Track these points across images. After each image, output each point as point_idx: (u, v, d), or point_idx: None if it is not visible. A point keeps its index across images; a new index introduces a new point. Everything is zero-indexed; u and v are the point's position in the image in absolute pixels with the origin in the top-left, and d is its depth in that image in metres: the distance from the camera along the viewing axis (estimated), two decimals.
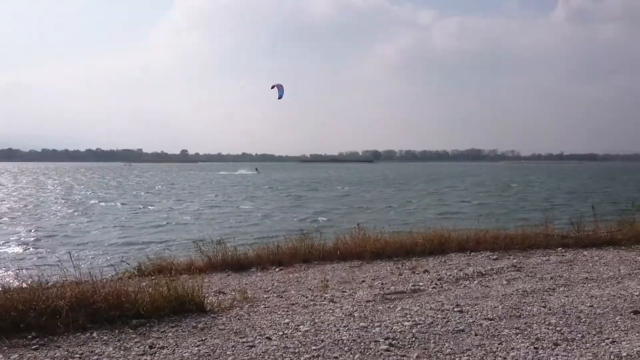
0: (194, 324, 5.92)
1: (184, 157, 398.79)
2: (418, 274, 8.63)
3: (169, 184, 70.32)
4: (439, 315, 6.04)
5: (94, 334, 5.56)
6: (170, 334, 5.60)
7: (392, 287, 7.69)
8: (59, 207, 35.50)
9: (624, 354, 4.77)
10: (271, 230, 21.53)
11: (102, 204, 38.87)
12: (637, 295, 6.88)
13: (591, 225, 12.01)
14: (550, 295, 7.00)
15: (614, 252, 10.24)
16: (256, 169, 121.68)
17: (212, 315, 6.29)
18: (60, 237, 21.63)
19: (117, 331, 5.66)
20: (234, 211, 33.09)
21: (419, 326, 5.65)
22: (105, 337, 5.48)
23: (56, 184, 70.17)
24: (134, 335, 5.56)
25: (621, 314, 6.04)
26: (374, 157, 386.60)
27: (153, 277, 7.99)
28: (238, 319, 6.15)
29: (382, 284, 7.98)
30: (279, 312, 6.39)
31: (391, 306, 6.59)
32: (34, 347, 5.19)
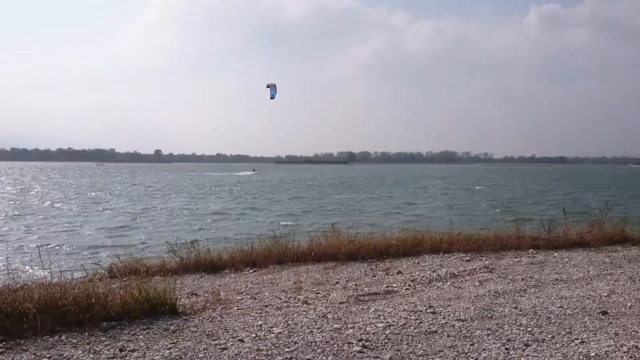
0: (166, 327, 5.83)
1: (157, 158, 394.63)
2: (392, 275, 8.66)
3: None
4: (412, 317, 6.06)
5: (63, 337, 5.43)
6: (141, 337, 5.51)
7: (365, 289, 7.70)
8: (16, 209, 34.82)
9: (593, 354, 4.84)
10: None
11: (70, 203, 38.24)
12: (605, 296, 7.01)
13: (562, 227, 12.20)
14: (521, 296, 7.08)
15: (583, 253, 10.43)
16: (253, 170, 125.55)
17: (184, 317, 6.21)
18: (24, 239, 21.23)
19: (86, 334, 5.54)
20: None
21: (392, 327, 5.66)
22: (74, 340, 5.36)
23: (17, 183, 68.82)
24: (103, 338, 5.45)
25: (590, 315, 6.14)
26: (349, 158, 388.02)
27: (125, 279, 7.87)
28: (211, 321, 6.09)
29: (356, 285, 7.98)
30: (252, 314, 6.34)
31: (365, 307, 6.59)
32: (0, 351, 5.05)
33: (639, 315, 6.14)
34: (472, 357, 4.80)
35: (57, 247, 19.11)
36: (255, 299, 7.26)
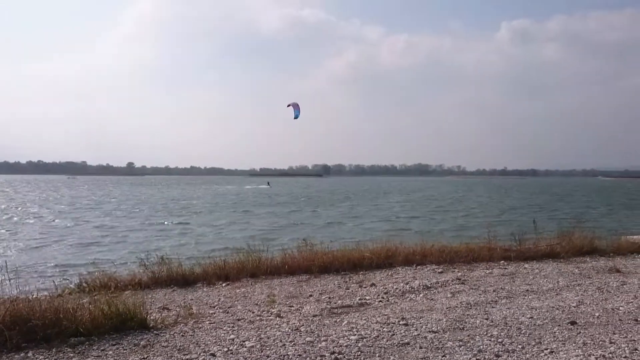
0: (136, 342, 5.74)
1: (130, 170, 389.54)
2: (365, 287, 8.68)
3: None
4: (384, 329, 6.08)
5: (30, 354, 5.31)
6: (110, 352, 5.42)
7: (339, 301, 7.70)
8: None
9: None
10: None
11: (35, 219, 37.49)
12: (574, 307, 7.12)
13: (532, 238, 12.39)
14: (492, 307, 7.15)
15: (553, 264, 10.59)
16: (268, 183, 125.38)
17: (155, 332, 6.12)
18: None
19: (54, 350, 5.43)
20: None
21: (364, 340, 5.66)
22: (41, 357, 5.25)
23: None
24: (72, 354, 5.34)
25: (559, 325, 6.23)
26: (323, 171, 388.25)
27: (95, 294, 7.73)
28: (182, 335, 6.01)
29: (329, 298, 7.98)
30: (224, 328, 6.28)
31: (338, 320, 6.58)
32: None
33: (606, 325, 6.26)
34: None
35: (27, 263, 18.66)
36: (227, 312, 7.20)
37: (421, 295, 8.03)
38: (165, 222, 33.73)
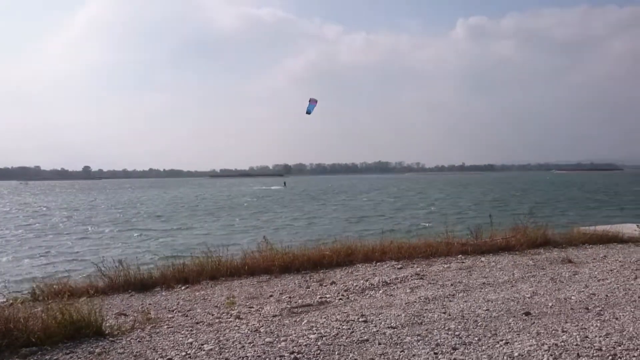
0: (91, 350, 5.60)
1: (86, 174, 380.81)
2: (325, 286, 8.70)
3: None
4: (344, 326, 6.10)
5: None
6: None
7: (299, 301, 7.70)
8: None
9: (516, 354, 5.02)
10: None
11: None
12: (528, 297, 7.30)
13: (489, 232, 12.64)
14: (450, 301, 7.26)
15: (509, 257, 10.83)
16: (284, 183, 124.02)
17: (110, 339, 5.98)
18: None
19: None
20: None
21: (324, 338, 5.67)
22: None
23: None
24: None
25: (514, 316, 6.37)
26: (284, 170, 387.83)
27: (49, 302, 7.51)
28: (139, 341, 5.90)
29: (289, 297, 7.96)
30: (182, 332, 6.20)
31: (298, 320, 6.57)
32: None
33: (559, 314, 6.43)
34: None
35: None
36: (186, 316, 7.11)
37: (381, 291, 8.09)
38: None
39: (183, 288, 9.08)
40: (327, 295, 7.93)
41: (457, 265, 9.99)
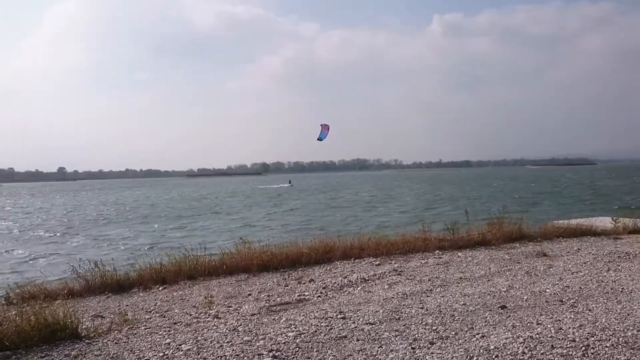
0: (67, 352, 5.53)
1: (61, 176, 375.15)
2: (304, 283, 8.70)
3: None
4: (322, 324, 6.11)
5: None
6: None
7: (278, 299, 7.70)
8: None
9: (492, 346, 5.08)
10: None
11: None
12: (504, 291, 7.39)
13: (465, 228, 12.76)
14: (427, 296, 7.33)
15: (485, 251, 10.96)
16: (289, 182, 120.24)
17: (87, 341, 5.91)
18: None
19: None
20: None
21: (302, 336, 5.68)
22: None
23: None
24: None
25: (490, 310, 6.46)
26: (262, 169, 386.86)
27: (23, 305, 7.40)
28: (116, 342, 5.84)
29: (268, 296, 7.96)
30: (160, 333, 6.15)
31: (276, 318, 6.57)
32: None
33: (534, 307, 6.53)
34: (380, 359, 4.90)
35: None
36: (164, 316, 7.06)
37: (359, 288, 8.13)
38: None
39: (161, 288, 9.02)
40: (306, 293, 7.95)
41: (435, 261, 10.08)
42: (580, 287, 7.48)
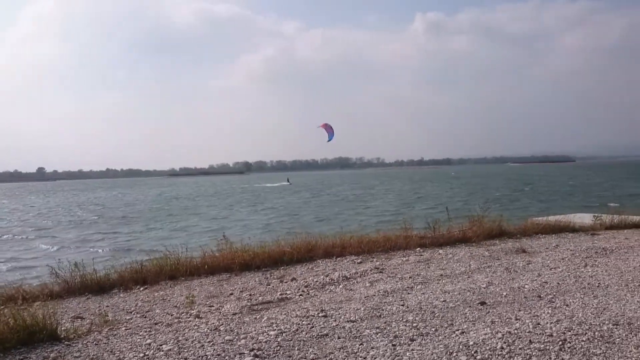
0: (45, 354, 5.47)
1: (41, 176, 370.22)
2: (286, 282, 8.71)
3: None
4: (304, 322, 6.13)
5: None
6: None
7: (260, 298, 7.70)
8: None
9: (471, 342, 5.15)
10: None
11: None
12: (484, 288, 7.48)
13: (446, 225, 12.86)
14: (408, 293, 7.38)
15: (465, 249, 11.06)
16: (287, 180, 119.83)
17: (66, 342, 5.85)
18: None
19: None
20: None
21: (284, 334, 5.69)
22: None
23: None
24: None
25: (470, 306, 6.53)
26: (245, 168, 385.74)
27: (1, 307, 7.30)
28: (95, 344, 5.79)
29: (250, 295, 7.95)
30: (140, 333, 6.11)
31: (258, 317, 6.57)
32: None
33: (513, 303, 6.62)
34: (360, 357, 4.93)
35: None
36: (145, 317, 7.02)
37: (341, 286, 8.16)
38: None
39: (142, 289, 8.95)
40: (288, 292, 7.95)
41: (416, 258, 10.15)
42: (558, 283, 7.59)
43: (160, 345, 5.56)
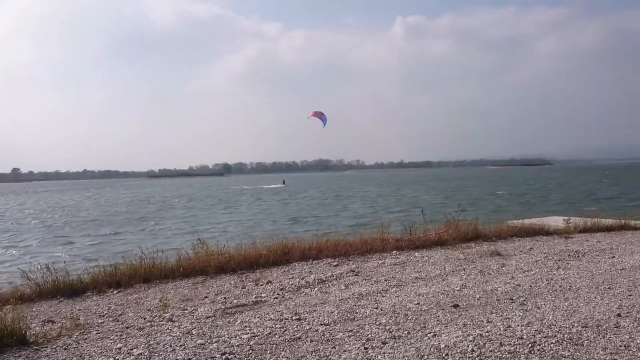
0: (13, 359, 5.39)
1: (15, 177, 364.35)
2: (261, 285, 8.68)
3: None
4: (277, 325, 6.12)
5: None
6: None
7: (234, 301, 7.66)
8: None
9: (443, 345, 5.18)
10: None
11: None
12: (458, 290, 7.54)
13: (423, 228, 12.92)
14: (383, 296, 7.41)
15: (441, 251, 11.14)
16: (283, 182, 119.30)
17: (35, 347, 5.76)
18: None
19: None
20: None
21: (257, 338, 5.67)
22: None
23: None
24: None
25: (443, 309, 6.57)
26: (224, 170, 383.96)
27: None
28: (65, 348, 5.71)
29: (224, 298, 7.90)
30: (111, 337, 6.04)
31: (231, 320, 6.54)
32: None
33: (485, 305, 6.68)
34: None
35: None
36: (117, 320, 6.93)
37: (316, 289, 8.15)
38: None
39: (115, 292, 8.84)
40: (263, 295, 7.93)
41: (392, 261, 10.18)
42: (531, 286, 7.68)
43: (131, 349, 5.50)
